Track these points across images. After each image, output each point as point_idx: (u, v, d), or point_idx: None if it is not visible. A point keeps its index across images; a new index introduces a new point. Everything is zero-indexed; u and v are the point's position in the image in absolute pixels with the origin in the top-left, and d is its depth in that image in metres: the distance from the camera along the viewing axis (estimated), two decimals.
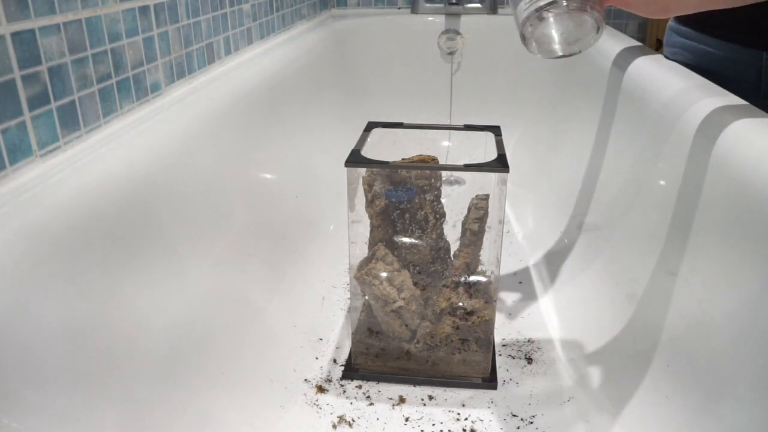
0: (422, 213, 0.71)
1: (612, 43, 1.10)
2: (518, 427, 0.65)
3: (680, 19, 0.89)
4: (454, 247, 0.74)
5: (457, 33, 1.45)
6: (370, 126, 0.76)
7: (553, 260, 0.95)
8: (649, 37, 1.57)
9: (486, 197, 0.71)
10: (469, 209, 0.73)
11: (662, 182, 0.73)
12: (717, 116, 0.65)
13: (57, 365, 0.45)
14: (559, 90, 1.30)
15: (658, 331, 0.65)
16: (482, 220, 0.72)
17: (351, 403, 0.69)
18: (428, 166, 0.68)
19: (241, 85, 0.90)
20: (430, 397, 0.70)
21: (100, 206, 0.54)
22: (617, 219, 0.84)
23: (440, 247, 0.73)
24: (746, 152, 0.58)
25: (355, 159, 0.67)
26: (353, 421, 0.66)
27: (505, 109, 1.39)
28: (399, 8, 1.60)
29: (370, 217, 0.71)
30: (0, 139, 0.51)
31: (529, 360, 0.76)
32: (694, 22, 0.85)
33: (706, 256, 0.60)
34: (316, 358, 0.76)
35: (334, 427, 0.65)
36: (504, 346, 0.78)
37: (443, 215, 0.73)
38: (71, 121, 0.61)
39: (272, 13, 1.18)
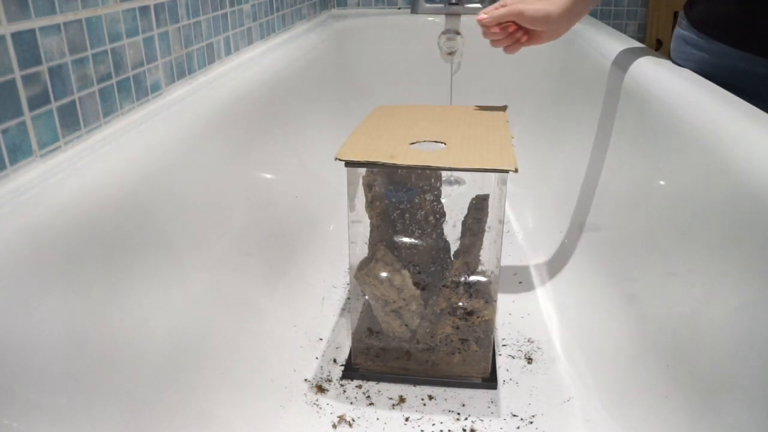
0: (422, 213, 0.71)
1: (612, 43, 1.10)
2: (518, 427, 0.65)
3: (698, 28, 0.84)
4: (454, 247, 0.74)
5: (457, 33, 1.45)
6: None
7: (553, 260, 0.95)
8: (649, 38, 1.57)
9: (486, 197, 0.71)
10: (469, 209, 0.73)
11: (662, 182, 0.73)
12: (717, 116, 0.65)
13: (57, 365, 0.45)
14: (559, 90, 1.30)
15: (658, 331, 0.65)
16: (482, 220, 0.72)
17: (351, 403, 0.69)
18: (428, 166, 0.68)
19: (241, 85, 0.90)
20: (430, 397, 0.70)
21: (100, 206, 0.54)
22: (617, 219, 0.84)
23: (440, 247, 0.73)
24: (747, 152, 0.58)
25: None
26: (353, 421, 0.66)
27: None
28: (399, 8, 1.60)
29: (370, 217, 0.71)
30: (0, 139, 0.51)
31: (529, 360, 0.76)
32: (714, 29, 0.81)
33: (706, 257, 0.60)
34: (316, 358, 0.76)
35: (334, 427, 0.65)
36: (504, 346, 0.78)
37: (443, 215, 0.73)
38: (71, 121, 0.61)
39: (272, 13, 1.18)
